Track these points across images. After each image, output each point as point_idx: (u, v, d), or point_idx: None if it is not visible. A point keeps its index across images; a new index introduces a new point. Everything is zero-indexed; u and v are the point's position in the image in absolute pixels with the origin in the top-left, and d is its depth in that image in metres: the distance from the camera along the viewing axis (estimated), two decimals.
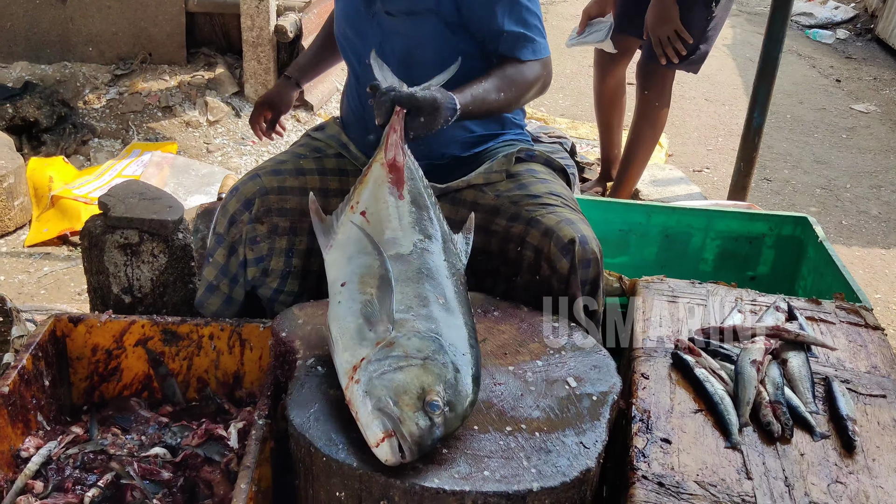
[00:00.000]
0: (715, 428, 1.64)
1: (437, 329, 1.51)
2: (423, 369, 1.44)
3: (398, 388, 1.41)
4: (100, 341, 1.99)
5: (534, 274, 1.96)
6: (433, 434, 1.40)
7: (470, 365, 1.50)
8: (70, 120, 4.05)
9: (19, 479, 1.70)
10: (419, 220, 1.71)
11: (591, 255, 1.91)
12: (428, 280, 1.61)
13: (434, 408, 1.40)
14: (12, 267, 3.19)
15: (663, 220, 2.86)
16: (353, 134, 2.19)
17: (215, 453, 1.85)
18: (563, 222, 1.93)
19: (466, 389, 1.46)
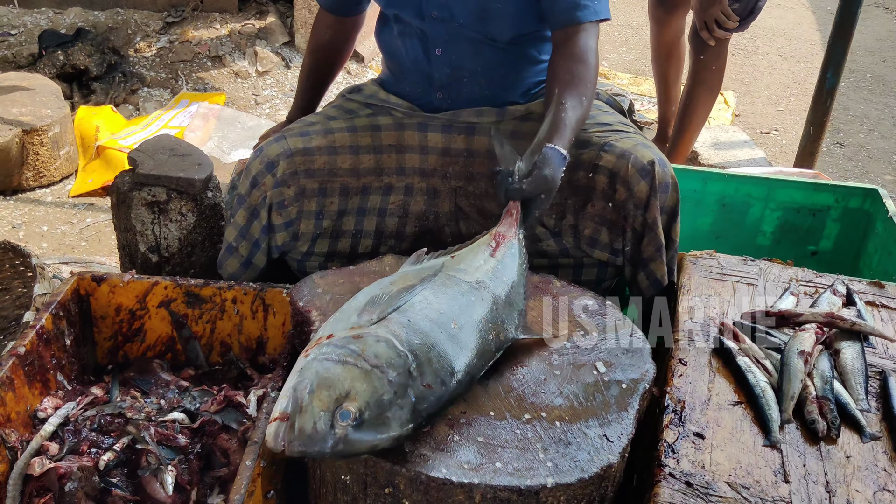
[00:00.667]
0: (754, 423, 1.52)
1: (418, 348, 1.37)
2: (364, 376, 1.29)
3: (325, 379, 1.28)
4: (123, 301, 1.96)
5: (608, 200, 1.89)
6: (325, 442, 1.24)
7: (426, 401, 1.33)
8: (120, 68, 4.03)
9: (34, 440, 1.69)
10: (497, 273, 1.62)
11: (669, 179, 1.85)
12: (462, 309, 1.49)
13: (344, 417, 1.24)
14: (56, 217, 3.20)
15: (720, 188, 2.69)
16: (407, 89, 2.08)
17: (233, 421, 1.81)
18: (639, 145, 1.86)
19: (396, 420, 1.29)
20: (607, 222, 1.92)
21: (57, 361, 1.84)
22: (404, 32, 2.01)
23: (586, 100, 1.86)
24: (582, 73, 1.86)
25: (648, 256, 1.90)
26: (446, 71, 1.99)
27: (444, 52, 1.98)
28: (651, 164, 1.83)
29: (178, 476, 1.71)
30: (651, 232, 1.87)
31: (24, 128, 3.25)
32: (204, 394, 1.89)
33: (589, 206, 1.93)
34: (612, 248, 1.94)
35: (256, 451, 1.50)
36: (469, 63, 1.98)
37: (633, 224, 1.88)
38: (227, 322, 1.98)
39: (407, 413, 1.30)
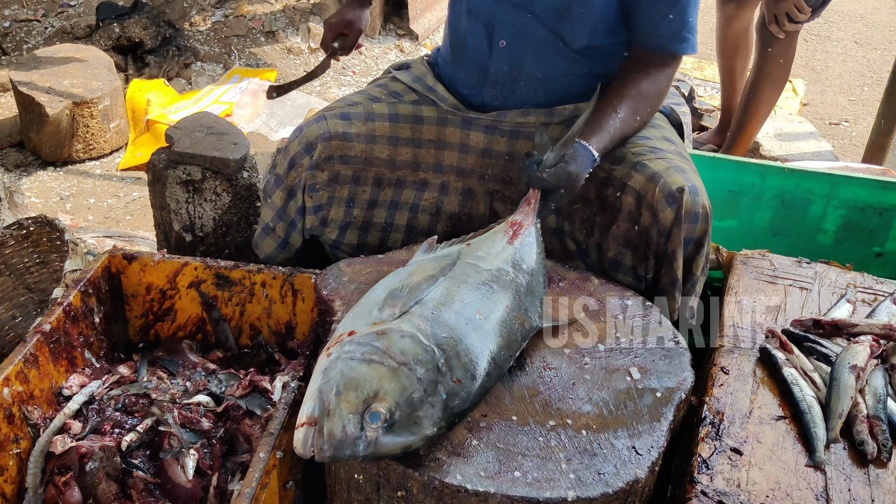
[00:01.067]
0: (798, 441, 1.42)
1: (445, 342, 1.32)
2: (391, 374, 1.24)
3: (352, 379, 1.23)
4: (154, 280, 1.94)
5: (633, 223, 1.78)
6: (356, 447, 1.19)
7: (455, 396, 1.28)
8: (174, 42, 4.04)
9: (58, 417, 1.68)
10: (517, 263, 1.57)
11: (699, 209, 1.70)
12: (485, 298, 1.44)
13: (374, 418, 1.19)
14: (103, 190, 3.22)
15: (780, 183, 2.55)
16: (460, 75, 1.98)
17: (257, 406, 1.78)
18: (672, 169, 1.72)
19: (428, 419, 1.23)
20: (631, 245, 1.79)
21: (85, 339, 1.83)
22: (473, 12, 1.89)
23: (640, 120, 1.80)
24: (649, 93, 1.80)
25: (662, 288, 1.76)
26: (504, 68, 1.89)
27: (508, 47, 1.87)
28: (680, 191, 1.69)
29: (200, 460, 1.69)
30: (669, 264, 1.73)
31: (74, 100, 3.28)
32: (230, 377, 1.87)
33: (614, 227, 1.81)
34: (635, 272, 1.81)
35: (272, 442, 1.46)
36: (530, 63, 1.87)
37: (656, 251, 1.75)
38: (257, 305, 1.94)
39: (439, 411, 1.25)
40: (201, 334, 2.01)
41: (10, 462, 1.60)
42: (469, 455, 1.28)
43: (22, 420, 1.63)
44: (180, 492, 1.67)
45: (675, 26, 1.77)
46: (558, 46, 1.84)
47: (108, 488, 1.65)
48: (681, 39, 1.79)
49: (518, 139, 1.92)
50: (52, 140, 3.31)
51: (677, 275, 1.73)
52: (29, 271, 2.23)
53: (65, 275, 1.85)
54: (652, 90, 1.80)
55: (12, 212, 2.64)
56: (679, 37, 1.78)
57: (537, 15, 1.81)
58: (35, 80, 3.33)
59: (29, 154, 3.41)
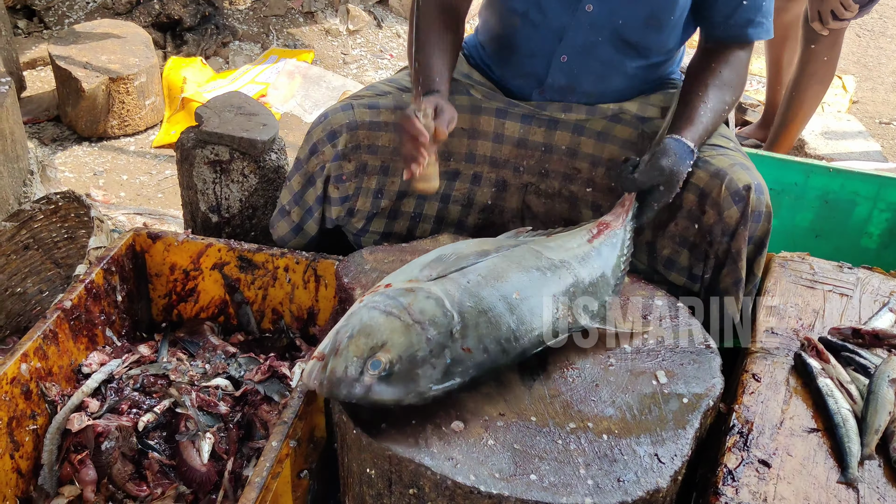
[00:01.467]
0: (830, 455, 1.35)
1: (468, 311, 1.31)
2: (404, 329, 1.27)
3: (367, 326, 1.27)
4: (177, 260, 1.92)
5: (693, 221, 1.73)
6: (351, 387, 1.23)
7: (462, 364, 1.28)
8: (213, 20, 4.02)
9: (76, 395, 1.68)
10: (588, 260, 1.54)
11: (764, 208, 1.67)
12: (532, 282, 1.42)
13: (374, 366, 1.23)
14: (136, 167, 3.22)
15: (824, 183, 2.47)
16: (506, 74, 1.90)
17: (275, 392, 1.77)
18: (737, 166, 1.68)
19: (426, 378, 1.25)
20: (689, 244, 1.75)
21: (106, 317, 1.82)
22: (531, 19, 1.77)
23: (728, 107, 1.76)
24: (731, 80, 1.76)
25: (725, 289, 1.71)
26: (561, 81, 1.82)
27: (569, 62, 1.79)
28: (747, 188, 1.64)
29: (216, 444, 1.67)
30: (733, 263, 1.69)
31: (111, 76, 3.28)
32: (250, 361, 1.85)
33: (672, 225, 1.76)
34: (690, 272, 1.77)
35: (285, 431, 1.44)
36: (592, 78, 1.81)
37: (717, 251, 1.71)
38: (279, 290, 1.92)
39: (438, 373, 1.27)
40: (223, 316, 2.00)
41: (26, 438, 1.60)
42: (484, 455, 1.24)
43: (39, 396, 1.63)
44: (195, 475, 1.66)
45: (749, 13, 1.73)
46: (629, 59, 1.79)
47: (123, 468, 1.65)
48: (755, 24, 1.75)
49: (556, 130, 1.86)
50: (88, 115, 3.32)
51: (741, 274, 1.69)
52: (57, 246, 2.24)
53: (88, 252, 1.84)
54: (734, 77, 1.77)
55: (44, 185, 2.65)
56: (754, 22, 1.74)
57: (619, 29, 1.73)
58: (73, 55, 3.34)
59: (65, 128, 3.42)
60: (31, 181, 2.57)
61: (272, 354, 1.86)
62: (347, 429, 1.31)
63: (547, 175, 1.88)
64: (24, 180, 2.56)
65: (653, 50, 1.80)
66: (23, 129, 2.59)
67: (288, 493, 1.51)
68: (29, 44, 3.89)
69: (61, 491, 1.62)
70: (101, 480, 1.63)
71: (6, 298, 2.19)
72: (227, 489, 1.63)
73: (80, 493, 1.62)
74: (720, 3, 1.74)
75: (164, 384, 1.76)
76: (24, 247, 2.20)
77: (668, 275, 1.78)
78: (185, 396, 1.72)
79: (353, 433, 1.29)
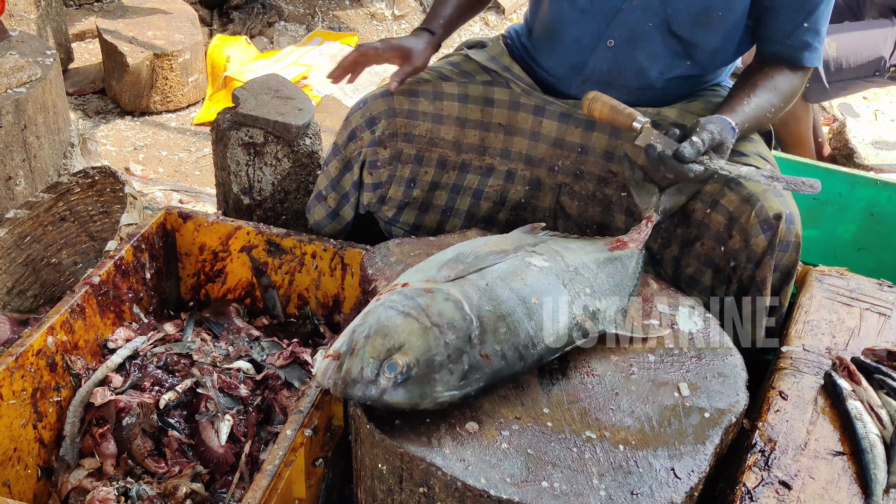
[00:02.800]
0: (854, 481, 1.31)
1: (487, 315, 1.29)
2: (422, 332, 1.25)
3: (384, 327, 1.25)
4: (206, 241, 1.93)
5: (720, 243, 1.69)
6: (366, 389, 1.22)
7: (480, 371, 1.26)
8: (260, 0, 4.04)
9: (100, 369, 1.70)
10: (605, 266, 1.53)
11: (793, 238, 1.63)
12: (551, 287, 1.40)
13: (390, 369, 1.21)
14: (176, 143, 3.25)
15: (869, 195, 2.40)
16: (548, 63, 1.87)
17: (296, 378, 1.77)
18: (770, 191, 1.63)
19: (442, 384, 1.23)
20: (714, 265, 1.71)
21: (134, 293, 1.84)
22: (580, 4, 1.75)
23: (773, 112, 1.71)
24: (783, 87, 1.72)
25: (745, 316, 1.67)
26: (603, 67, 1.78)
27: (615, 47, 1.75)
28: (777, 217, 1.60)
29: (235, 427, 1.68)
30: (757, 292, 1.65)
31: (155, 51, 3.31)
32: (273, 346, 1.86)
33: (698, 244, 1.73)
34: (712, 293, 1.73)
35: (300, 419, 1.44)
36: (633, 70, 1.77)
37: (741, 276, 1.67)
38: (306, 276, 1.92)
39: (456, 379, 1.25)
40: (250, 299, 2.01)
41: (49, 409, 1.62)
42: (497, 458, 1.23)
43: (64, 369, 1.65)
44: (212, 455, 1.67)
45: (808, 36, 1.70)
46: (666, 62, 1.76)
47: (143, 444, 1.67)
48: (812, 49, 1.71)
49: (593, 132, 1.83)
50: (132, 90, 3.36)
51: (765, 303, 1.65)
52: (92, 219, 2.26)
53: (120, 228, 1.86)
54: (785, 85, 1.72)
55: (85, 158, 2.69)
56: (811, 47, 1.71)
57: (669, 18, 1.69)
58: (120, 29, 3.38)
59: (109, 102, 3.46)
60: (72, 153, 2.61)
61: (295, 340, 1.86)
62: (361, 423, 1.30)
63: (582, 176, 1.85)
64: (65, 152, 2.59)
65: (700, 48, 1.74)
66: (66, 101, 2.62)
67: (302, 480, 1.51)
68: (79, 16, 3.94)
69: (82, 463, 1.65)
70: (121, 455, 1.65)
71: (42, 268, 2.22)
72: (244, 471, 1.64)
73: (100, 466, 1.64)
74: (781, 20, 1.69)
75: (187, 364, 1.77)
76: (61, 218, 2.23)
77: (690, 293, 1.74)
78: (206, 377, 1.73)
79: (366, 428, 1.28)
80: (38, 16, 3.23)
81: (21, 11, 3.16)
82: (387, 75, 3.46)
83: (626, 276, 1.55)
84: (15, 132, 2.34)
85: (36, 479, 1.60)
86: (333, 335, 1.89)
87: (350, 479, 1.66)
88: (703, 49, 1.75)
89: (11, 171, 2.38)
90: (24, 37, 2.61)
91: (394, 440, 1.24)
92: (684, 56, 1.75)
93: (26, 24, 3.16)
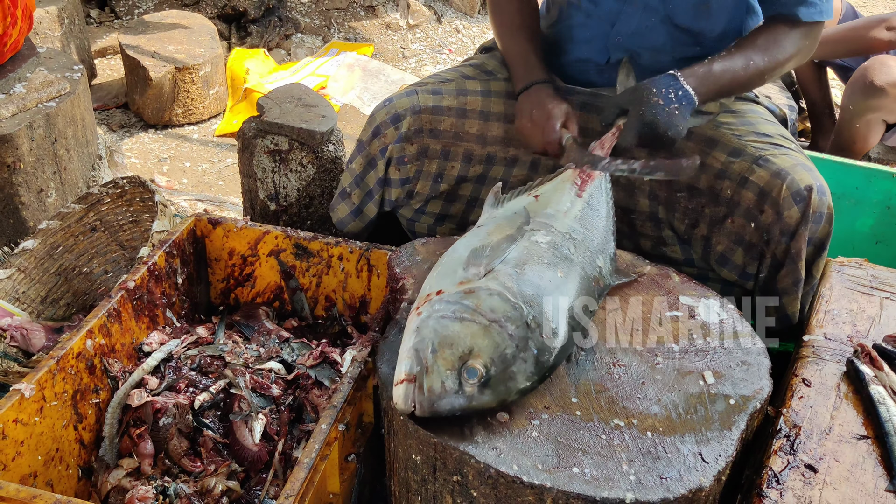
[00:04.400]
0: (879, 463, 1.33)
1: (532, 299, 1.34)
2: (484, 331, 1.27)
3: (446, 337, 1.26)
4: (236, 246, 1.98)
5: (750, 220, 1.73)
6: (454, 401, 1.23)
7: (545, 351, 1.31)
8: (277, 12, 4.10)
9: (136, 372, 1.74)
10: (586, 218, 1.59)
11: (826, 210, 1.66)
12: (561, 259, 1.45)
13: (471, 375, 1.23)
14: (199, 155, 3.31)
15: (886, 188, 2.42)
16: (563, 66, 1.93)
17: (326, 377, 1.81)
18: (799, 166, 1.67)
19: (521, 374, 1.27)
20: (745, 243, 1.74)
21: (167, 298, 1.88)
22: (583, 6, 1.84)
23: (753, 67, 1.69)
24: (766, 46, 1.70)
25: (783, 288, 1.71)
26: (619, 56, 1.84)
27: (625, 41, 1.82)
28: (808, 189, 1.63)
29: (268, 425, 1.72)
30: (793, 263, 1.68)
31: (177, 65, 3.37)
32: (303, 346, 1.89)
33: (728, 222, 1.76)
34: (744, 270, 1.76)
35: (334, 415, 1.48)
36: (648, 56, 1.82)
37: (775, 251, 1.70)
38: (333, 278, 1.96)
39: (531, 366, 1.28)
40: (278, 302, 2.05)
41: (89, 411, 1.67)
42: (528, 446, 1.26)
43: (103, 372, 1.70)
44: (247, 454, 1.71)
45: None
46: (675, 51, 1.80)
47: (179, 444, 1.71)
48: (808, 4, 1.68)
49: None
50: (155, 103, 3.43)
51: (801, 274, 1.69)
52: (122, 229, 2.32)
53: (152, 235, 1.91)
54: (770, 44, 1.70)
55: (112, 170, 2.75)
56: (806, 2, 1.69)
57: (670, 13, 1.75)
58: (142, 45, 3.45)
59: (133, 115, 3.53)
60: (100, 165, 2.67)
61: (324, 340, 1.90)
62: (395, 415, 1.34)
63: None
64: (93, 164, 2.66)
65: (705, 35, 1.79)
66: (93, 115, 2.69)
67: (335, 475, 1.54)
68: (100, 33, 4.02)
69: (120, 463, 1.69)
70: (158, 455, 1.69)
71: (74, 277, 2.28)
72: (278, 469, 1.67)
73: (138, 466, 1.68)
74: None
75: (220, 365, 1.82)
76: (92, 228, 2.29)
77: (720, 271, 1.78)
78: (239, 378, 1.77)
79: (400, 420, 1.32)
80: (62, 33, 3.30)
81: (46, 29, 3.24)
82: (405, 83, 3.52)
83: (603, 215, 1.61)
84: (46, 145, 2.40)
85: (77, 478, 1.65)
86: (361, 335, 1.93)
87: (381, 474, 1.70)
88: (709, 36, 1.79)
89: (43, 184, 2.44)
90: (52, 53, 2.68)
91: (427, 430, 1.27)
92: (693, 44, 1.80)
93: (51, 42, 3.24)
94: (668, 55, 1.81)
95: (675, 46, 1.80)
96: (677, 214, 1.83)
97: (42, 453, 1.54)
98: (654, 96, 1.62)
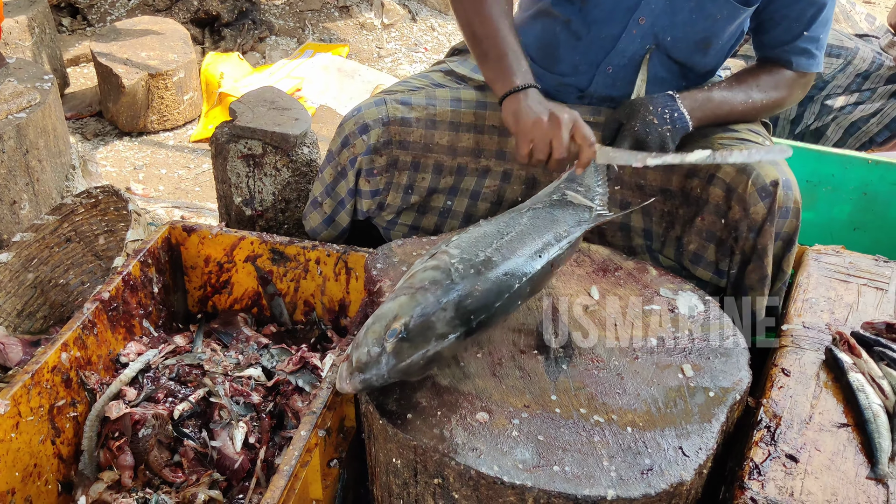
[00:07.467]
0: (860, 451, 1.34)
1: (465, 251, 1.38)
2: (409, 298, 1.31)
3: (378, 316, 1.31)
4: (211, 253, 1.96)
5: (720, 216, 1.73)
6: (379, 363, 1.25)
7: (471, 296, 1.31)
8: (250, 15, 4.08)
9: (114, 384, 1.72)
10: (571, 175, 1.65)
11: (792, 204, 1.65)
12: (516, 218, 1.51)
13: (391, 335, 1.26)
14: (175, 161, 3.29)
15: (862, 175, 2.43)
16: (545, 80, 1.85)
17: (307, 383, 1.80)
18: (764, 160, 1.67)
19: (441, 321, 1.28)
20: (716, 239, 1.74)
21: (143, 308, 1.86)
22: (574, 30, 1.78)
23: (752, 102, 1.76)
24: (767, 85, 1.78)
25: (750, 285, 1.71)
26: (602, 92, 1.84)
27: (614, 73, 1.81)
28: (774, 184, 1.63)
29: (249, 433, 1.71)
30: (759, 260, 1.68)
31: (150, 72, 3.34)
32: (282, 352, 1.88)
33: (698, 220, 1.75)
34: (717, 267, 1.76)
35: (314, 420, 1.46)
36: (630, 91, 1.81)
37: (743, 247, 1.70)
38: (311, 282, 1.95)
39: (451, 311, 1.29)
40: (256, 308, 2.03)
41: (67, 424, 1.64)
42: (508, 446, 1.25)
43: (79, 385, 1.68)
44: (228, 463, 1.69)
45: (806, 43, 1.75)
46: (663, 83, 1.81)
47: (160, 455, 1.69)
48: (809, 56, 1.76)
49: None
50: (129, 111, 3.39)
51: (767, 271, 1.69)
52: (97, 239, 2.29)
53: (126, 244, 1.89)
54: (771, 85, 1.78)
55: (87, 179, 2.72)
56: (808, 53, 1.75)
57: (668, 46, 1.75)
58: (114, 52, 3.42)
59: (107, 123, 3.50)
60: (73, 175, 2.64)
61: (304, 346, 1.89)
62: (374, 419, 1.33)
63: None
64: (67, 174, 2.63)
65: (696, 71, 1.82)
66: (65, 124, 2.66)
67: (318, 481, 1.53)
68: (72, 41, 3.98)
69: (100, 476, 1.67)
70: (139, 466, 1.68)
71: (50, 289, 2.25)
72: (260, 477, 1.66)
73: (119, 478, 1.66)
74: (780, 31, 1.74)
75: (199, 374, 1.80)
76: (66, 239, 2.26)
77: (694, 270, 1.77)
78: (218, 386, 1.76)
79: (379, 423, 1.31)
80: (33, 42, 3.27)
81: (16, 39, 3.20)
82: (380, 83, 3.50)
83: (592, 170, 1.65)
84: (17, 157, 2.37)
85: (56, 493, 1.63)
86: (341, 339, 1.92)
87: (364, 479, 1.69)
88: (699, 72, 1.83)
89: (15, 195, 2.41)
90: (21, 63, 2.65)
91: (407, 434, 1.27)
92: (681, 77, 1.82)
93: (21, 52, 3.21)
94: (657, 86, 1.80)
95: (665, 78, 1.81)
96: (655, 218, 1.83)
97: (19, 469, 1.52)
98: (650, 114, 1.64)
